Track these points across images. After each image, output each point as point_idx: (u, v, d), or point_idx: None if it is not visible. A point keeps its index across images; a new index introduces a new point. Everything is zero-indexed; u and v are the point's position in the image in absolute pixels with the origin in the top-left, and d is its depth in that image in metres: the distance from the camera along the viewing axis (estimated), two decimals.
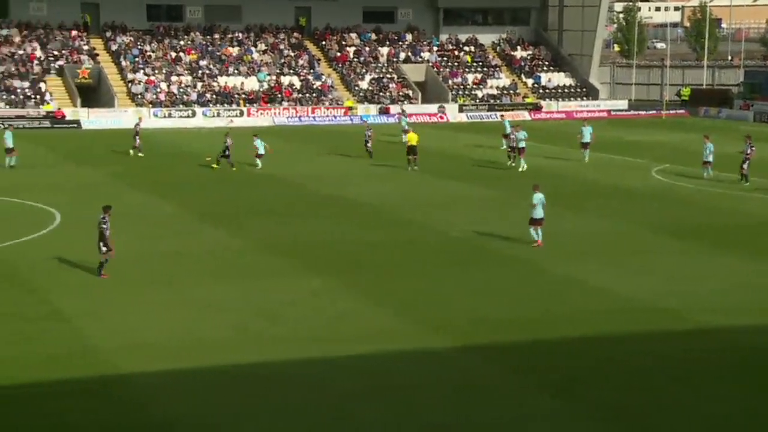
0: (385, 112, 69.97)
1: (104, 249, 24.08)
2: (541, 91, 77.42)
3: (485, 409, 16.37)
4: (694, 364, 18.68)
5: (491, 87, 76.43)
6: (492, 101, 74.58)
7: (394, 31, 79.98)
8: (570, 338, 20.20)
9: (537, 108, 74.57)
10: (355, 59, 76.16)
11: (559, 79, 79.11)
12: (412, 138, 44.20)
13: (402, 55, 77.45)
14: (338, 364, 18.67)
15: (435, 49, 79.17)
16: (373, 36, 78.95)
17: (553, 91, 77.81)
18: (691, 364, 18.68)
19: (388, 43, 78.64)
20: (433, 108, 71.63)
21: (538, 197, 28.28)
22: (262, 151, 44.53)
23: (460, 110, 72.14)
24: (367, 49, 77.36)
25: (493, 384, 17.62)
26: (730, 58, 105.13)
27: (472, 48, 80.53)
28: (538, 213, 28.23)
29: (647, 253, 28.02)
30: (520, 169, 43.33)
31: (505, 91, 76.15)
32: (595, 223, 32.26)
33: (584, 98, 77.75)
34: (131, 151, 47.78)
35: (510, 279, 24.95)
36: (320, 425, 15.86)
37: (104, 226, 24.02)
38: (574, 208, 34.77)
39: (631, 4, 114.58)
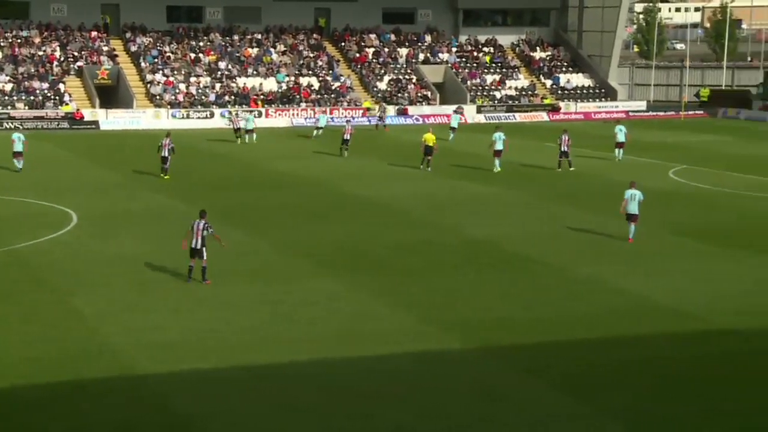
0: (403, 113, 69.96)
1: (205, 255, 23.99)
2: (559, 92, 77.23)
3: (503, 411, 16.35)
4: (721, 368, 18.57)
5: (510, 88, 76.28)
6: (510, 102, 74.45)
7: (413, 32, 79.94)
8: (589, 340, 20.15)
9: (555, 109, 74.39)
10: (374, 60, 76.19)
11: (578, 80, 78.89)
12: (429, 138, 44.16)
13: (421, 56, 77.42)
14: (355, 365, 18.70)
15: (454, 50, 79.09)
16: (393, 37, 78.94)
17: (572, 92, 77.60)
18: (715, 367, 18.57)
19: (407, 44, 78.61)
20: (450, 109, 71.60)
21: (631, 193, 28.77)
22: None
23: (478, 111, 72.04)
24: (386, 50, 77.36)
25: (511, 385, 17.60)
26: (749, 59, 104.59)
27: (491, 49, 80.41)
28: (632, 209, 28.69)
29: (666, 254, 27.92)
30: (495, 170, 43.19)
31: (523, 92, 76.00)
32: (614, 223, 32.13)
33: (603, 99, 77.50)
34: (163, 176, 40.80)
35: (528, 280, 24.91)
36: (337, 425, 15.88)
37: (211, 229, 24.09)
38: (593, 209, 34.65)
39: (651, 5, 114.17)
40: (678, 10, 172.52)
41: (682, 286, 24.22)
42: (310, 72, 73.27)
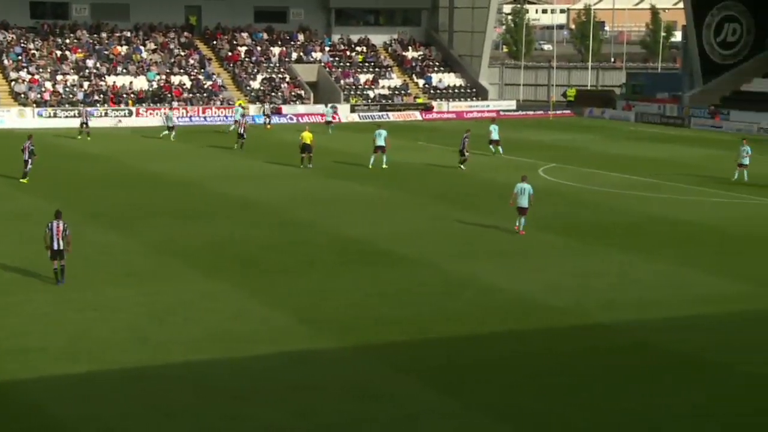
0: (277, 112, 69.70)
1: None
2: (432, 91, 78.19)
3: (376, 409, 16.50)
4: (587, 361, 19.06)
5: (383, 87, 76.84)
6: (384, 101, 75.01)
7: (285, 30, 79.72)
8: (462, 336, 20.49)
9: (428, 108, 75.29)
10: (247, 59, 75.69)
11: (450, 79, 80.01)
12: (306, 136, 44.37)
13: (294, 55, 77.28)
14: (230, 365, 18.60)
15: (327, 49, 79.21)
16: (265, 36, 78.56)
17: (444, 91, 78.66)
18: (583, 361, 19.06)
19: (279, 42, 78.36)
20: (324, 108, 71.69)
21: (521, 187, 30.09)
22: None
23: (352, 110, 72.35)
24: (259, 48, 76.94)
25: (384, 383, 17.76)
26: (612, 60, 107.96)
27: (364, 48, 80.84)
28: (523, 202, 29.92)
29: (536, 250, 28.58)
30: (373, 167, 44.13)
31: (396, 92, 76.68)
32: (484, 221, 32.75)
33: (474, 98, 78.81)
34: (21, 179, 39.27)
35: (402, 277, 25.17)
36: (210, 426, 15.78)
37: (68, 231, 23.50)
38: (465, 206, 35.24)
39: (519, 6, 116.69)
40: (545, 11, 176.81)
41: (551, 282, 24.83)
42: (182, 70, 72.31)
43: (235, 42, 76.95)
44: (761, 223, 32.90)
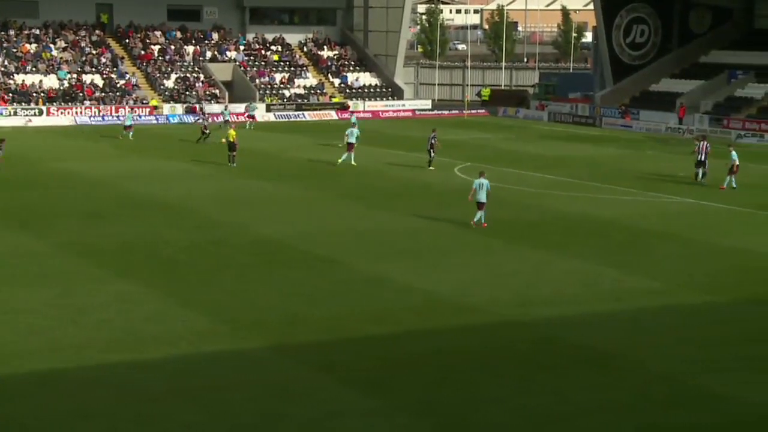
0: (191, 111, 69.04)
1: None
2: (348, 90, 78.28)
3: (295, 408, 16.49)
4: (504, 357, 19.30)
5: (299, 86, 76.69)
6: (300, 101, 74.86)
7: (199, 29, 79.03)
8: (379, 335, 20.58)
9: (344, 108, 75.35)
10: (160, 58, 74.81)
11: (366, 78, 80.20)
12: (231, 134, 44.93)
13: (208, 54, 76.66)
14: (146, 367, 18.41)
15: (242, 48, 78.75)
16: (179, 34, 77.78)
17: (360, 90, 78.83)
18: (500, 357, 19.30)
19: (194, 41, 77.66)
20: (240, 107, 71.26)
21: (479, 182, 31.10)
22: None
23: (268, 110, 72.05)
24: (173, 47, 76.12)
25: (303, 382, 17.76)
26: (526, 60, 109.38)
27: (279, 47, 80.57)
28: (481, 197, 31.00)
29: (453, 249, 28.83)
30: (353, 163, 45.31)
31: (312, 91, 76.59)
32: (402, 221, 32.95)
33: (390, 98, 79.13)
34: None
35: (319, 277, 25.17)
36: (126, 428, 15.60)
37: None
38: (381, 206, 35.41)
39: (433, 6, 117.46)
40: (459, 12, 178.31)
41: (466, 280, 25.08)
42: (94, 69, 71.19)
43: (148, 41, 76.02)
44: (672, 220, 33.69)
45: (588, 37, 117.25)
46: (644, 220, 33.46)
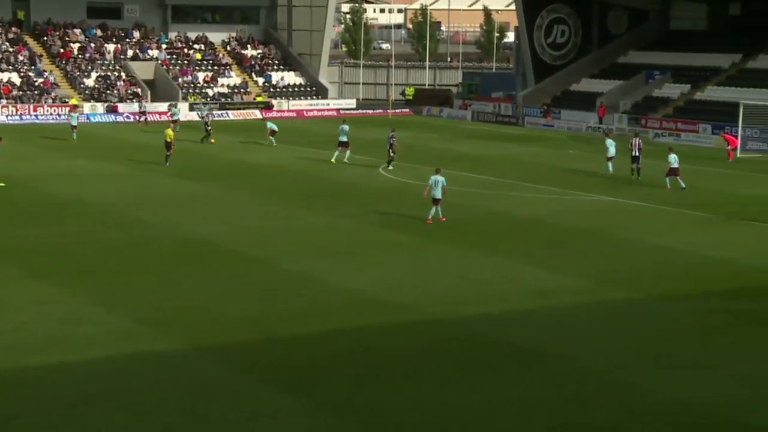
0: (112, 110, 68.07)
1: None
2: (272, 90, 77.92)
3: (217, 409, 16.35)
4: (429, 356, 19.34)
5: (222, 85, 76.13)
6: (223, 100, 74.31)
7: (120, 27, 77.98)
8: (304, 335, 20.51)
9: (268, 107, 75.00)
10: (80, 56, 73.61)
11: (290, 78, 79.95)
12: (168, 134, 44.80)
13: (129, 53, 75.66)
14: (67, 369, 18.07)
15: (164, 46, 77.88)
16: (99, 32, 76.61)
17: (284, 89, 78.53)
18: (425, 356, 19.33)
19: (114, 39, 76.58)
20: (163, 106, 70.55)
21: (435, 179, 31.93)
22: None
23: (191, 109, 71.35)
24: (93, 45, 74.97)
25: (226, 383, 17.61)
26: (449, 59, 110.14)
27: (202, 46, 79.87)
28: (437, 193, 31.90)
29: (378, 248, 28.87)
30: (345, 161, 46.12)
31: (236, 90, 76.08)
32: (326, 219, 32.90)
33: (314, 97, 78.99)
34: None
35: (243, 277, 25.00)
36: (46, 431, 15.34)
37: None
38: (306, 205, 35.32)
39: (357, 5, 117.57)
40: (383, 11, 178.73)
41: (392, 279, 25.12)
42: (11, 67, 69.78)
43: (67, 38, 74.76)
44: (594, 218, 34.17)
45: (510, 37, 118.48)
46: (567, 219, 33.89)
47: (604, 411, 16.59)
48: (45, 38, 74.29)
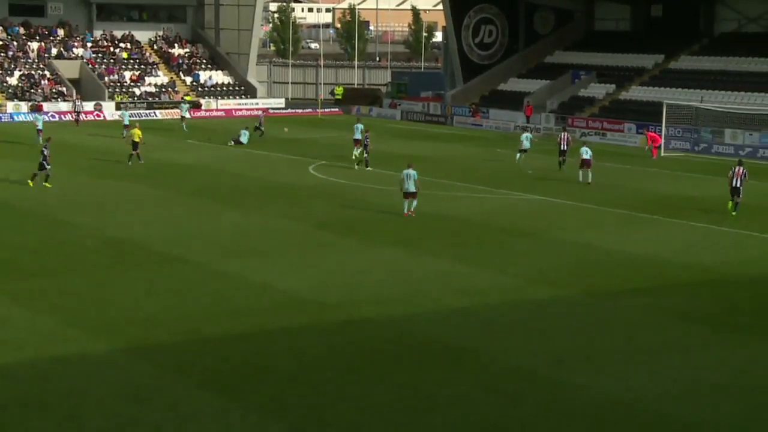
0: (37, 109, 66.92)
1: None
2: (200, 89, 77.31)
3: (150, 412, 16.21)
4: (359, 355, 19.38)
5: (149, 84, 75.31)
6: (151, 99, 73.50)
7: (44, 25, 76.69)
8: (233, 335, 20.42)
9: (197, 106, 74.39)
10: (2, 54, 72.21)
11: (218, 77, 79.42)
12: (135, 133, 44.93)
13: (54, 51, 74.46)
14: None
15: (89, 45, 76.79)
16: (22, 30, 75.24)
17: (213, 89, 77.97)
18: (355, 355, 19.37)
19: (38, 37, 75.28)
20: (89, 105, 69.58)
21: (407, 173, 32.70)
22: None
23: (118, 108, 70.45)
24: (15, 43, 73.62)
25: (155, 384, 17.47)
26: (378, 59, 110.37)
27: (129, 45, 78.92)
28: (410, 187, 32.72)
29: (308, 247, 28.84)
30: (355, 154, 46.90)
31: (164, 89, 75.32)
32: (256, 219, 32.77)
33: (243, 96, 78.56)
34: None
35: (172, 278, 24.81)
36: None
37: None
38: (235, 205, 35.14)
39: (284, 4, 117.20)
40: (311, 10, 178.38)
41: (322, 279, 25.11)
42: None
43: None
44: (522, 217, 34.55)
45: (438, 36, 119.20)
46: (496, 218, 34.22)
47: (534, 408, 16.81)
48: None
